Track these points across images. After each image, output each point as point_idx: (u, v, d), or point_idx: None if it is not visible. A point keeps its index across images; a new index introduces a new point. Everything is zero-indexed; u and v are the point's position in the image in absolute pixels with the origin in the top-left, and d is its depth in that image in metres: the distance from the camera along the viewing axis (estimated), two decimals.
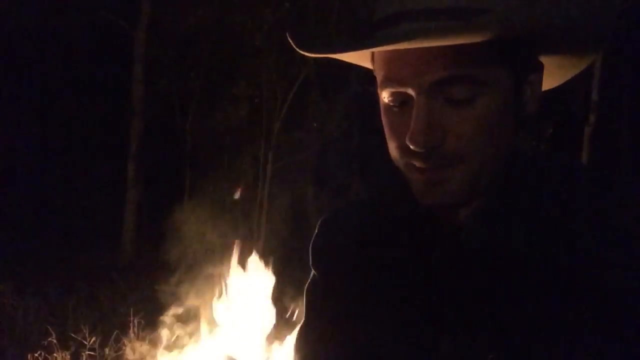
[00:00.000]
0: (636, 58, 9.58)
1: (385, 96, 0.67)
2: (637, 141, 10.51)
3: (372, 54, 0.70)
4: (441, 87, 0.62)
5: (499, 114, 0.64)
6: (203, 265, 4.82)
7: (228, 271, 3.69)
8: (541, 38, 0.65)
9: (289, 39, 0.71)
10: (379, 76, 0.68)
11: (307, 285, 0.88)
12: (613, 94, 9.42)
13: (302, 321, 0.88)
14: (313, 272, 0.88)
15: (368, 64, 0.74)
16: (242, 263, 3.71)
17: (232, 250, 3.80)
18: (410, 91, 0.64)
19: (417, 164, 0.65)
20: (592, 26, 0.65)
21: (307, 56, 0.75)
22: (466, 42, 0.60)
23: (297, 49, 0.71)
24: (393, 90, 0.65)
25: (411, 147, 0.63)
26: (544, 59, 0.70)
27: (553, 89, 0.80)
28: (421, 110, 0.63)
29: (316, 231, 0.88)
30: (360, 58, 0.74)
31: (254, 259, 3.71)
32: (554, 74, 0.76)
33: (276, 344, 3.61)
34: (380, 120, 0.70)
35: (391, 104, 0.67)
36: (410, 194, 0.70)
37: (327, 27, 8.38)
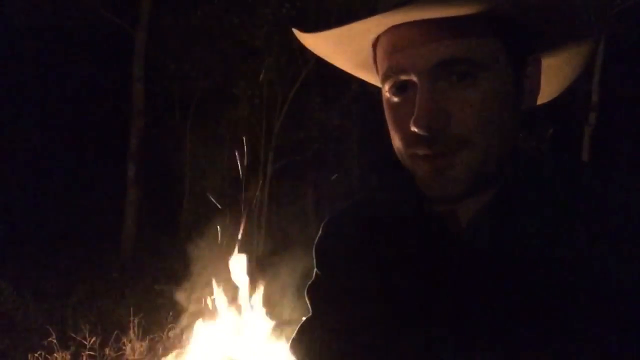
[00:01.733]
0: (636, 58, 9.58)
1: (387, 89, 0.68)
2: (637, 141, 10.51)
3: (374, 53, 0.71)
4: (442, 71, 0.64)
5: (500, 101, 0.65)
6: (203, 265, 4.82)
7: (227, 272, 3.69)
8: (535, 20, 0.66)
9: (294, 30, 0.73)
10: (382, 69, 0.69)
11: (309, 285, 0.89)
12: (613, 94, 9.42)
13: (304, 320, 0.89)
14: (316, 271, 0.88)
15: (365, 73, 0.77)
16: (241, 264, 3.72)
17: (232, 251, 3.80)
18: (413, 77, 0.65)
19: (422, 150, 0.66)
20: (585, 8, 0.66)
21: (311, 51, 0.76)
22: (464, 22, 0.62)
23: (301, 35, 0.72)
24: (396, 79, 0.67)
25: (416, 130, 0.64)
26: (543, 60, 0.71)
27: None
28: (425, 93, 0.64)
29: (320, 232, 0.89)
30: (359, 65, 0.76)
31: (253, 260, 3.71)
32: (555, 77, 0.77)
33: (275, 345, 3.62)
34: (381, 121, 0.71)
35: (394, 96, 0.68)
36: (415, 193, 0.70)
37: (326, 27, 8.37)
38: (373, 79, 0.79)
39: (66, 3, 8.64)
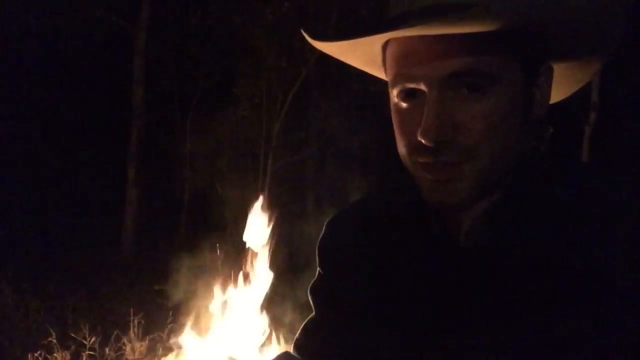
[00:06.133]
0: (636, 58, 9.57)
1: (396, 94, 0.67)
2: (637, 141, 10.50)
3: (384, 54, 0.70)
4: (452, 82, 0.63)
5: (508, 112, 0.64)
6: (203, 265, 4.82)
7: (227, 272, 3.69)
8: (551, 33, 0.65)
9: (303, 32, 0.71)
10: (390, 74, 0.68)
11: (312, 284, 0.89)
12: (613, 94, 9.41)
13: (308, 319, 0.89)
14: (319, 271, 0.88)
15: (374, 69, 0.75)
16: (241, 265, 3.71)
17: (231, 251, 3.79)
18: (422, 86, 0.64)
19: (427, 160, 0.65)
20: (602, 22, 0.65)
21: (317, 49, 0.74)
22: (478, 33, 0.60)
23: (312, 40, 0.70)
24: (404, 86, 0.65)
25: (422, 141, 0.63)
26: (555, 66, 0.70)
27: None
28: (433, 104, 0.63)
29: (323, 232, 0.89)
30: (367, 63, 0.74)
31: (253, 260, 3.71)
32: (562, 84, 0.75)
33: (275, 345, 3.61)
34: (383, 120, 0.70)
35: (402, 101, 0.67)
36: (417, 194, 0.70)
37: (327, 27, 8.38)
38: (383, 75, 0.78)
39: (66, 3, 8.64)
